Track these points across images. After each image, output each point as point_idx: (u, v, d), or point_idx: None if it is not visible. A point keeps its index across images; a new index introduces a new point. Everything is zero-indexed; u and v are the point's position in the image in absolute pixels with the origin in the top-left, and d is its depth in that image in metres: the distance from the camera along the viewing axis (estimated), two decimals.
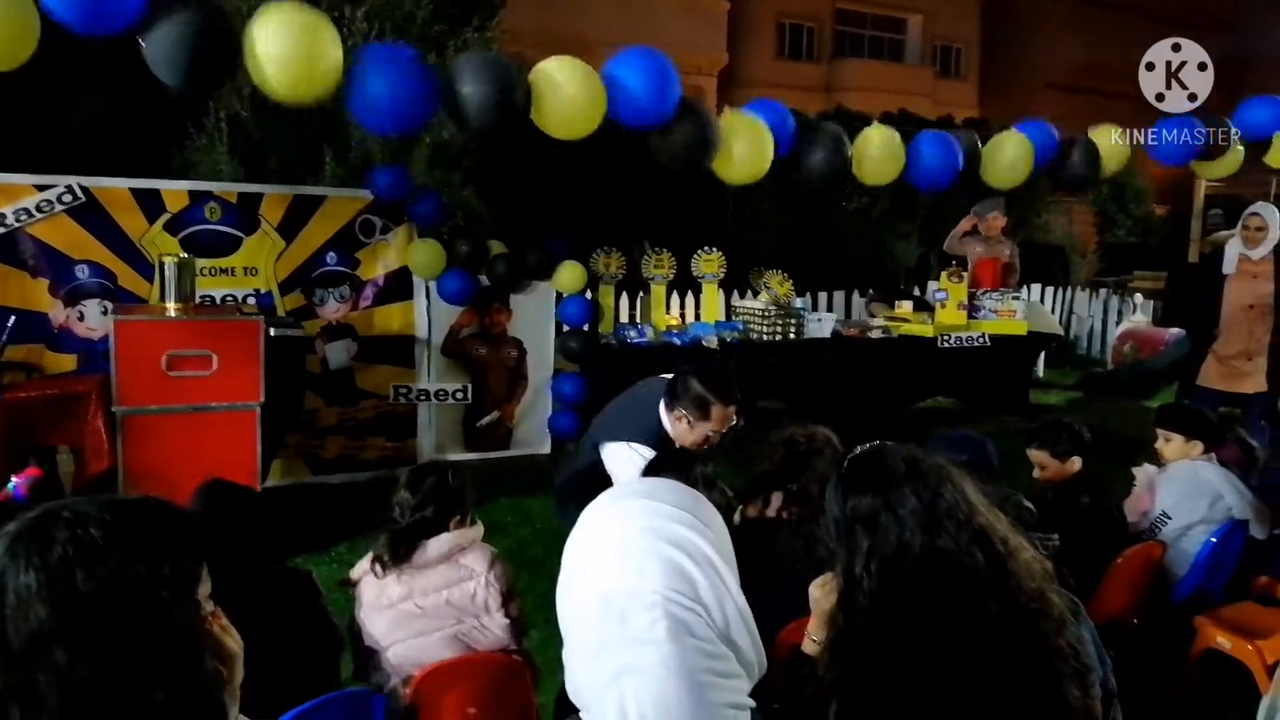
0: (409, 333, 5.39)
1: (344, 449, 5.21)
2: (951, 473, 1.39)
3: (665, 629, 0.90)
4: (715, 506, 1.16)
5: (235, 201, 4.82)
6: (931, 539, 1.31)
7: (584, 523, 1.04)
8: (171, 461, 3.79)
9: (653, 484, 1.06)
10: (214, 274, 4.77)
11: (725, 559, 0.98)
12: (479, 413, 5.66)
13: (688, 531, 0.96)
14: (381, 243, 5.22)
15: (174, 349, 3.72)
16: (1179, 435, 3.40)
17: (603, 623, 0.94)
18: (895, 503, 1.34)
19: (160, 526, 1.05)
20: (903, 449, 1.43)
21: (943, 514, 1.32)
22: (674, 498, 1.01)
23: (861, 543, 1.36)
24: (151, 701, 0.97)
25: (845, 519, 1.40)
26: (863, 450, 1.46)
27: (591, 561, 0.98)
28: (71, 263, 4.52)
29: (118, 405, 3.68)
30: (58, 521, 0.99)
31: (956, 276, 6.72)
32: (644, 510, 0.99)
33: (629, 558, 0.95)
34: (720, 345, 6.14)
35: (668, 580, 0.93)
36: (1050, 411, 7.66)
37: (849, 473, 1.44)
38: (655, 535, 0.95)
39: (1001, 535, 1.33)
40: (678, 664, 0.90)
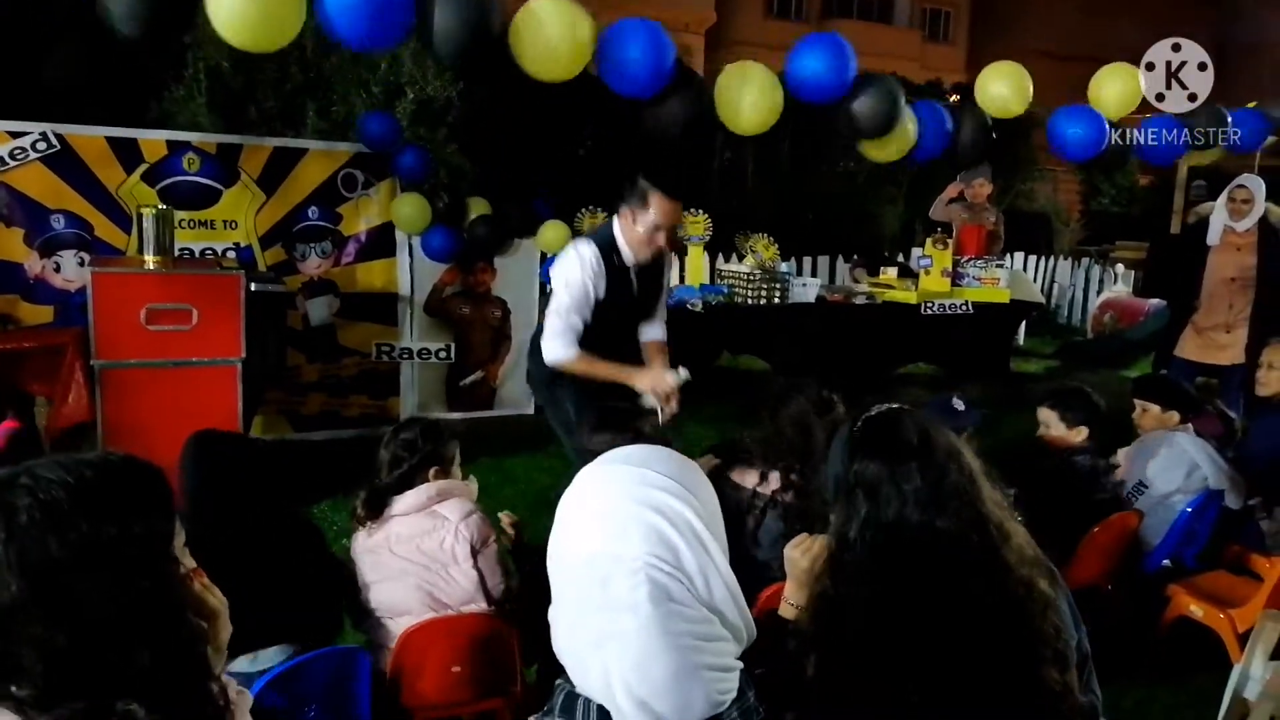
0: (392, 290, 5.34)
1: (325, 406, 5.18)
2: (962, 453, 1.38)
3: (646, 594, 0.92)
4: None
5: (214, 153, 4.73)
6: (930, 517, 1.31)
7: (576, 484, 1.05)
8: (151, 416, 3.74)
9: (645, 452, 1.06)
10: (193, 226, 4.69)
11: (712, 529, 0.99)
12: (462, 372, 5.63)
13: (673, 500, 0.97)
14: (364, 197, 5.15)
15: (153, 302, 3.66)
16: (1156, 405, 3.44)
17: (587, 585, 0.96)
18: (901, 476, 1.34)
19: (125, 484, 1.03)
20: (918, 418, 1.42)
21: (946, 494, 1.33)
22: (663, 466, 1.01)
23: (860, 508, 1.36)
24: (135, 664, 0.96)
25: (848, 480, 1.40)
26: (879, 412, 1.44)
27: (578, 524, 1.00)
28: (47, 212, 4.43)
29: (96, 359, 3.62)
30: (18, 489, 0.96)
31: (941, 243, 6.72)
32: (632, 477, 0.99)
33: (613, 522, 0.96)
34: (704, 309, 6.13)
35: (650, 547, 0.94)
36: (1030, 380, 7.74)
37: (861, 433, 1.43)
38: (640, 502, 0.96)
39: (998, 521, 1.34)
40: (659, 628, 0.91)
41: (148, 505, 1.03)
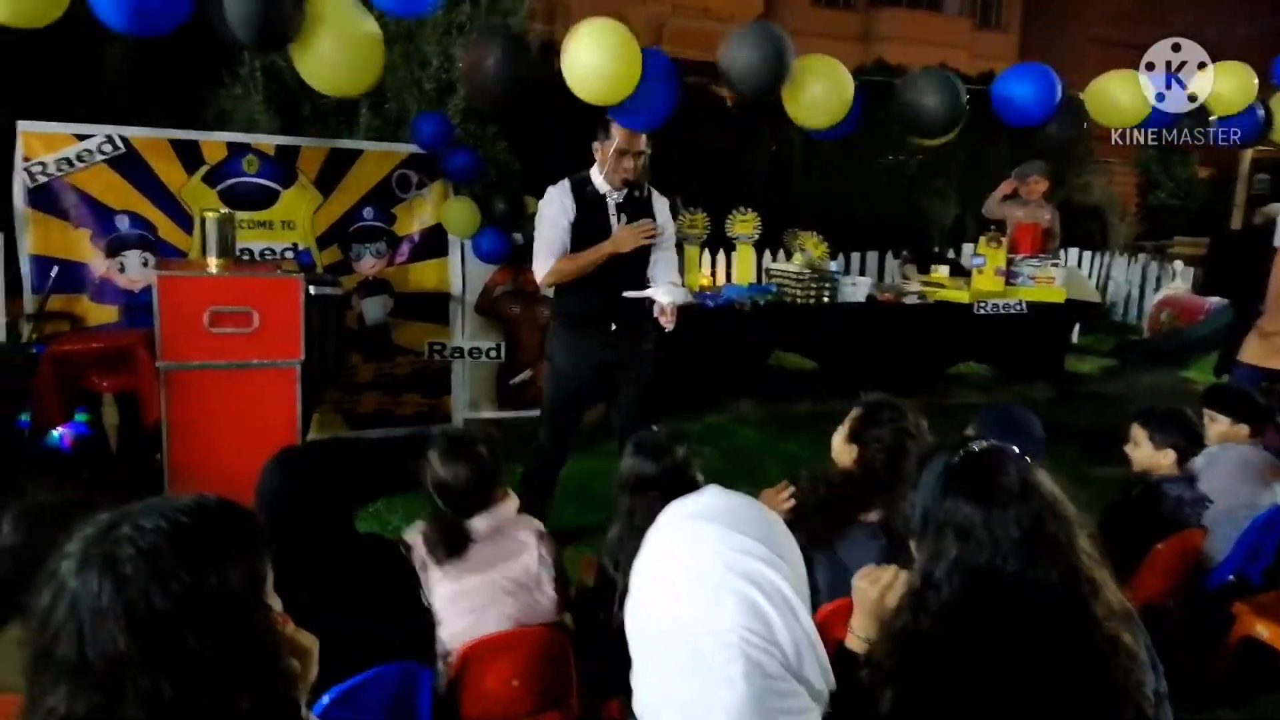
0: (444, 290, 5.39)
1: (380, 404, 5.25)
2: (1060, 502, 1.36)
3: (741, 671, 0.92)
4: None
5: (273, 154, 4.80)
6: (1023, 567, 1.29)
7: (657, 541, 1.04)
8: (213, 417, 3.83)
9: (734, 510, 1.04)
10: (252, 227, 4.77)
11: (800, 592, 0.98)
12: (511, 371, 5.68)
13: (765, 568, 0.96)
14: (418, 198, 5.20)
15: (216, 305, 3.73)
16: (1226, 417, 3.36)
17: (677, 651, 0.95)
18: (997, 522, 1.32)
19: (222, 530, 1.04)
20: (1020, 461, 1.38)
21: (1041, 544, 1.31)
22: (753, 528, 1.00)
23: (950, 549, 1.34)
24: (235, 709, 0.98)
25: (939, 516, 1.37)
26: (980, 450, 1.41)
27: (666, 584, 0.99)
28: (112, 213, 4.53)
29: (161, 360, 3.70)
30: (121, 540, 0.98)
31: (995, 241, 6.61)
32: (723, 540, 0.98)
33: (705, 589, 0.95)
34: (753, 308, 6.10)
35: (744, 619, 0.93)
36: (1084, 380, 7.60)
37: (959, 470, 1.39)
38: (733, 569, 0.95)
39: (1089, 573, 1.32)
40: (753, 706, 0.91)
41: (243, 550, 1.05)
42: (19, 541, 1.73)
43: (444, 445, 2.30)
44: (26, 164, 4.35)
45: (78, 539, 1.00)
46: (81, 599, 0.95)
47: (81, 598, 0.95)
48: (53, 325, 4.44)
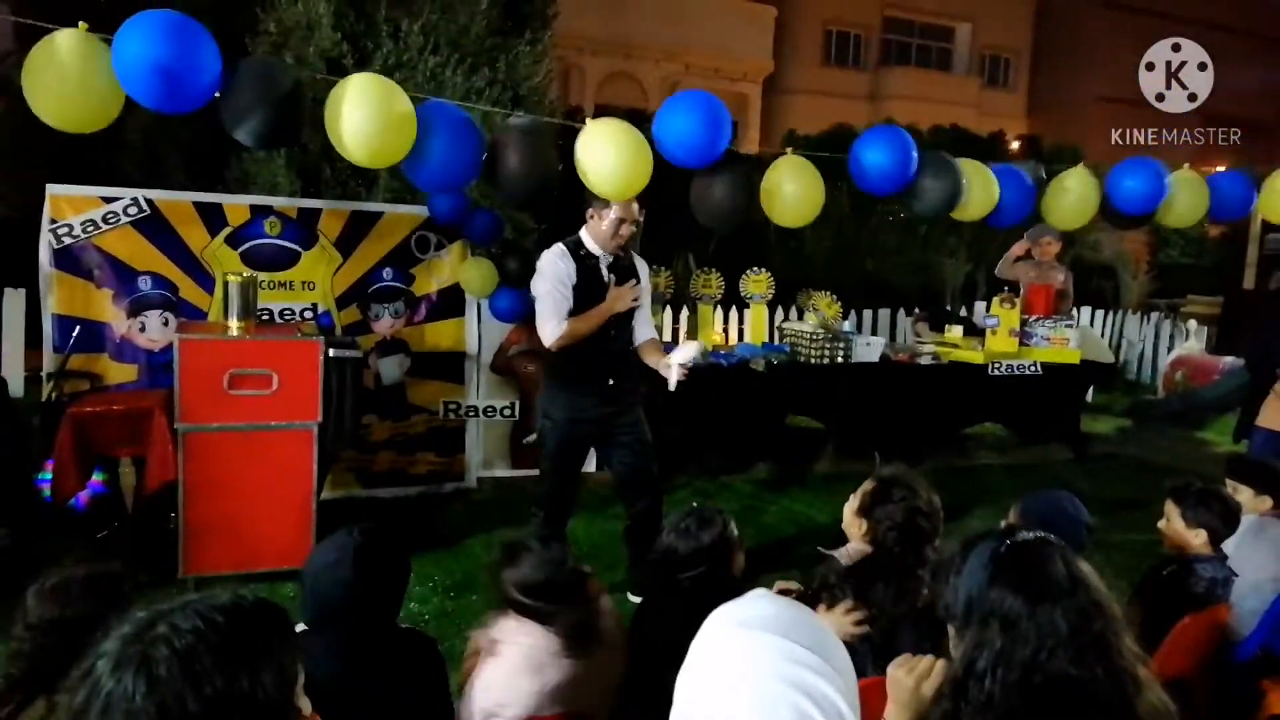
0: (459, 349, 5.42)
1: (394, 463, 5.26)
2: (1108, 601, 1.34)
3: None
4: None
5: (295, 217, 4.88)
6: (1068, 663, 1.28)
7: (715, 647, 1.02)
8: (230, 478, 3.85)
9: (786, 619, 1.03)
10: (273, 287, 4.83)
11: (849, 700, 0.98)
12: (525, 429, 5.68)
13: (819, 680, 0.96)
14: (436, 259, 5.26)
15: (236, 368, 3.77)
16: (1249, 488, 3.32)
17: None
18: (1043, 617, 1.30)
19: (256, 631, 1.05)
20: (1068, 555, 1.37)
21: (1087, 642, 1.29)
22: (805, 637, 1.00)
23: (994, 640, 1.32)
24: None
25: (984, 606, 1.36)
26: (1027, 540, 1.40)
27: (721, 693, 0.98)
28: (135, 274, 4.60)
29: (180, 422, 3.73)
30: (157, 640, 0.99)
31: (1009, 302, 6.62)
32: (778, 650, 0.98)
33: (762, 701, 0.95)
34: (767, 368, 6.11)
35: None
36: (1100, 441, 7.56)
37: (1006, 559, 1.38)
38: (787, 682, 0.95)
39: (1134, 673, 1.30)
40: None
41: (277, 653, 1.05)
42: (47, 616, 1.73)
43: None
44: (53, 225, 4.43)
45: (115, 637, 1.01)
46: (116, 698, 0.96)
47: (116, 697, 0.96)
48: (72, 384, 4.48)
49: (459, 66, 6.43)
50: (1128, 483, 6.12)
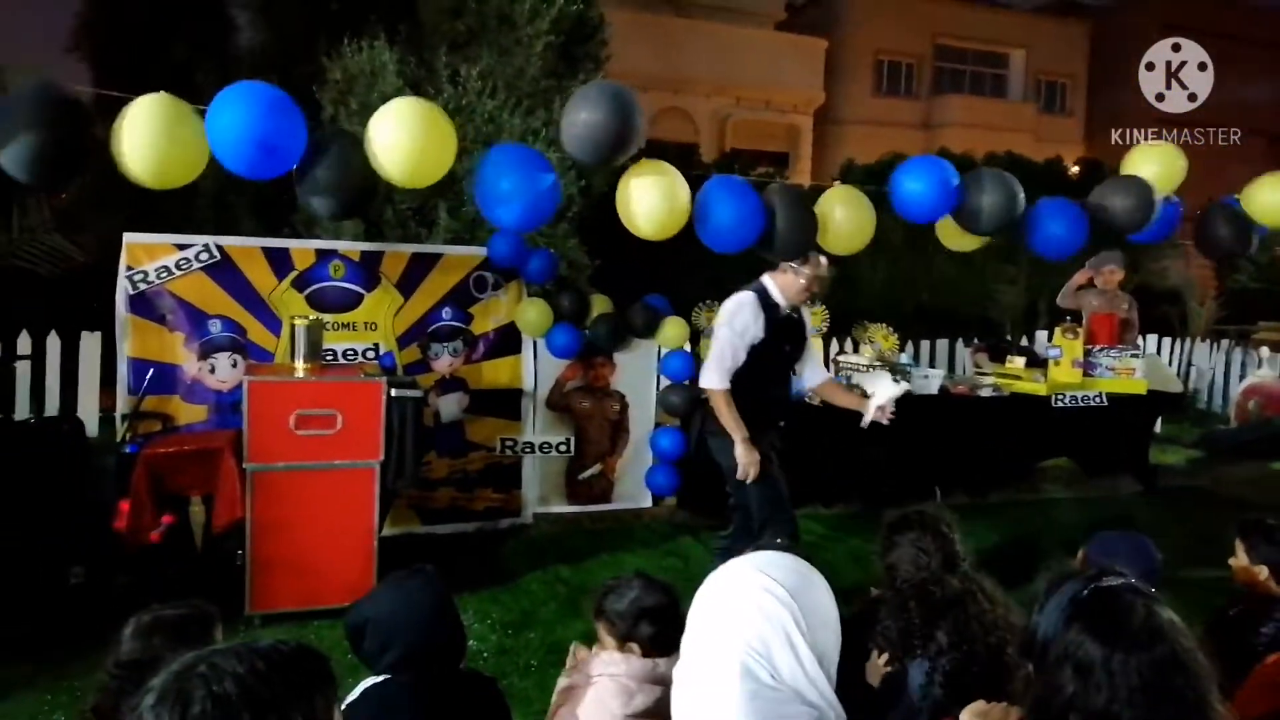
0: (516, 385, 5.49)
1: (454, 500, 5.32)
2: (1192, 656, 1.30)
3: (739, 671, 1.19)
4: None
5: (358, 259, 5.02)
6: (1141, 715, 1.25)
7: (718, 574, 1.31)
8: (295, 515, 3.94)
9: (777, 561, 1.28)
10: (336, 329, 4.96)
11: (806, 634, 1.20)
12: (581, 465, 5.71)
13: (778, 606, 1.21)
14: (494, 299, 5.35)
15: (302, 409, 3.87)
16: None
17: (704, 652, 1.24)
18: (1118, 665, 1.28)
19: (293, 675, 1.09)
20: (1151, 603, 1.34)
21: (1163, 696, 1.26)
22: (782, 575, 1.26)
23: (1066, 685, 1.31)
24: None
25: (1059, 650, 1.34)
26: (1113, 585, 1.38)
27: (708, 605, 1.27)
28: (205, 317, 4.76)
29: (249, 462, 3.84)
30: (196, 678, 1.04)
31: (1071, 333, 6.50)
32: (754, 581, 1.25)
33: (730, 612, 1.24)
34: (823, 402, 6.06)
35: (749, 639, 1.20)
36: (1170, 473, 7.33)
37: (1086, 603, 1.36)
38: (752, 603, 1.22)
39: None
40: (743, 696, 1.18)
41: (310, 696, 1.09)
42: (138, 654, 1.79)
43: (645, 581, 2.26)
44: (129, 272, 4.62)
45: (163, 674, 1.06)
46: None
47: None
48: (145, 425, 4.64)
49: (516, 109, 6.58)
50: (1199, 516, 5.92)
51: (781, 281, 3.89)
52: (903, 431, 6.13)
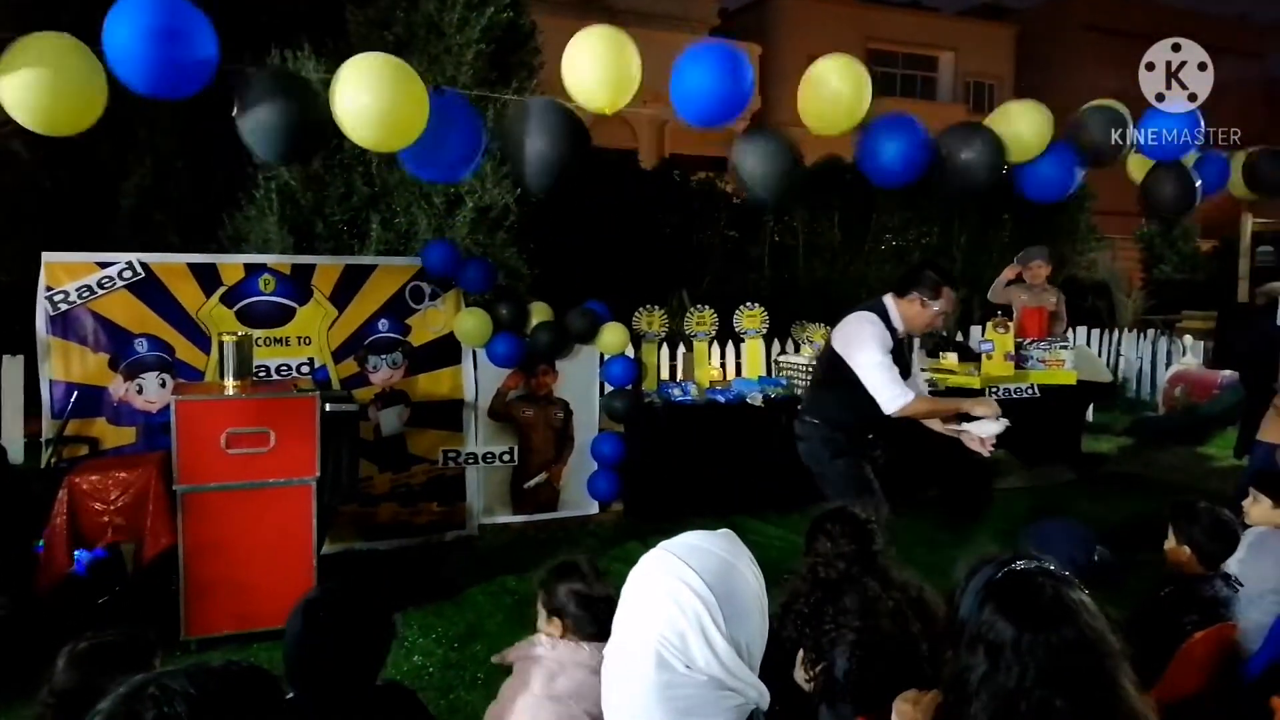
0: (457, 396, 5.44)
1: (396, 515, 5.25)
2: (1103, 637, 1.34)
3: (653, 662, 1.20)
4: None
5: (289, 273, 4.93)
6: (1050, 694, 1.28)
7: (642, 562, 1.30)
8: (229, 537, 3.85)
9: (696, 546, 1.27)
10: (269, 344, 4.86)
11: (720, 624, 1.20)
12: (526, 474, 5.68)
13: (692, 597, 1.20)
14: (431, 308, 5.30)
15: (233, 427, 3.78)
16: (1268, 499, 3.29)
17: (624, 640, 1.25)
18: (1026, 645, 1.31)
19: (243, 698, 1.07)
20: (1061, 584, 1.38)
21: (1076, 676, 1.30)
22: (701, 564, 1.24)
23: (979, 664, 1.34)
24: None
25: (973, 630, 1.38)
26: (1024, 568, 1.42)
27: (630, 593, 1.28)
28: (131, 337, 4.63)
29: (178, 484, 3.74)
30: (146, 699, 1.01)
31: (1002, 327, 6.65)
32: (672, 569, 1.24)
33: (648, 601, 1.24)
34: (765, 401, 6.12)
35: (662, 629, 1.20)
36: (1103, 461, 7.54)
37: (999, 585, 1.41)
38: (668, 592, 1.22)
39: (1128, 708, 1.31)
40: (656, 684, 1.20)
41: (263, 715, 1.06)
42: (74, 683, 1.74)
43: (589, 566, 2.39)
44: (49, 293, 4.48)
45: (112, 696, 1.03)
46: None
47: None
48: (70, 449, 4.50)
49: None
50: (1131, 501, 6.11)
51: (906, 309, 3.79)
52: None
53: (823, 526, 2.49)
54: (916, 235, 11.07)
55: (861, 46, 24.91)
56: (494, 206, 6.44)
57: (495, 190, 6.38)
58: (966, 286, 10.95)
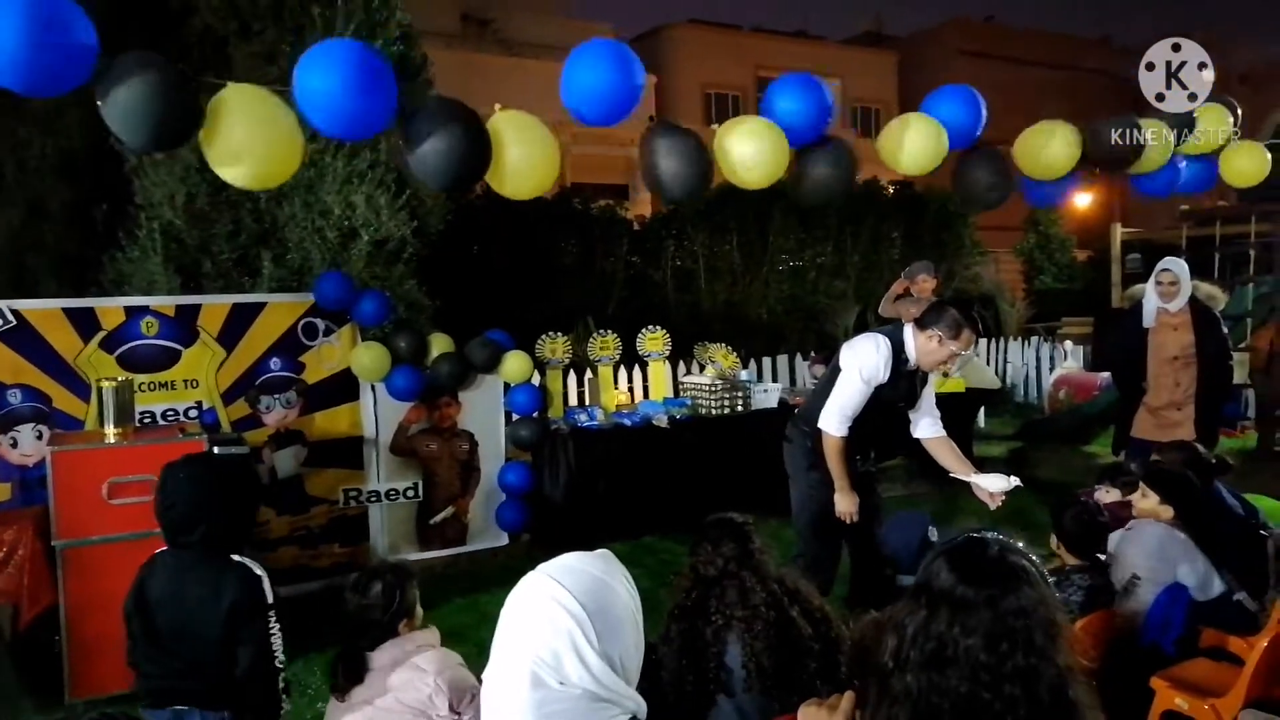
0: (356, 433, 5.33)
1: (296, 559, 5.09)
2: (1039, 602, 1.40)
3: (528, 680, 1.25)
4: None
5: (173, 315, 4.77)
6: (979, 648, 1.37)
7: (522, 583, 1.34)
8: (115, 591, 3.63)
9: (572, 567, 1.32)
10: (153, 389, 4.69)
11: (593, 642, 1.24)
12: (432, 510, 5.59)
13: (565, 617, 1.25)
14: (326, 345, 5.19)
15: (115, 476, 3.62)
16: (1156, 495, 3.45)
17: (501, 659, 1.29)
18: (960, 597, 1.40)
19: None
20: (1010, 555, 1.45)
21: (1002, 632, 1.38)
22: (575, 584, 1.29)
23: (919, 611, 1.43)
24: None
25: (921, 579, 1.47)
26: (984, 537, 1.48)
27: (507, 614, 1.32)
28: (3, 388, 4.41)
29: (57, 539, 3.56)
30: None
31: None
32: (547, 590, 1.28)
33: (523, 621, 1.28)
34: (670, 423, 6.18)
35: (537, 648, 1.25)
36: (994, 463, 7.84)
37: (956, 545, 1.49)
38: (542, 613, 1.26)
39: (1052, 678, 1.38)
40: (531, 702, 1.24)
41: None
42: None
43: (354, 579, 2.53)
44: None
45: None
46: None
47: None
48: None
49: (339, 151, 6.42)
50: (1018, 501, 6.36)
51: (924, 343, 3.73)
52: (747, 445, 6.36)
53: (705, 532, 2.61)
54: (811, 255, 11.39)
55: (752, 75, 25.64)
56: (390, 239, 6.36)
57: (391, 223, 6.31)
58: (860, 302, 11.36)
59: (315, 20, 6.17)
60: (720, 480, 6.03)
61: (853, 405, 3.76)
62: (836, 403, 3.78)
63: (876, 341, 3.76)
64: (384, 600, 2.43)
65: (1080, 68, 29.05)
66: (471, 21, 22.37)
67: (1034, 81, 27.07)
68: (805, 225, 11.24)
